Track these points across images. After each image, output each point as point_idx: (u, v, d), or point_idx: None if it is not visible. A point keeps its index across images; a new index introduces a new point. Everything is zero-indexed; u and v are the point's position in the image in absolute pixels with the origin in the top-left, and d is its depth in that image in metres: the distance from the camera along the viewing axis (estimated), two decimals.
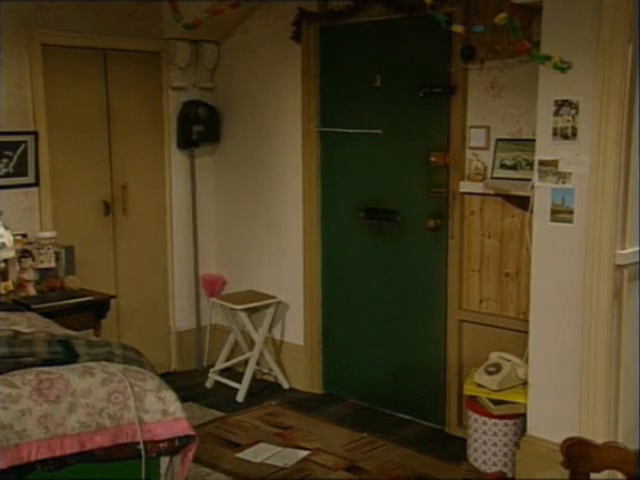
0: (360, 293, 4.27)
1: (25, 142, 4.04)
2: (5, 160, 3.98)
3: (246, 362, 4.53)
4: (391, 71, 3.99)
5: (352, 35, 4.14)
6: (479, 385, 3.48)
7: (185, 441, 2.64)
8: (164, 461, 2.65)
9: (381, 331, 4.21)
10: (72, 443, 2.42)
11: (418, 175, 3.95)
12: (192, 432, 2.64)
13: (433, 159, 3.83)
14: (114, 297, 4.12)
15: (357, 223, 4.24)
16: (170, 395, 2.66)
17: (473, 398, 3.51)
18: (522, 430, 3.37)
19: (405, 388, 4.12)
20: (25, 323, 3.03)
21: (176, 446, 2.63)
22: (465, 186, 3.76)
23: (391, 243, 4.10)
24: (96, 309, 3.92)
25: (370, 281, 4.22)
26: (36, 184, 4.12)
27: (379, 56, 4.03)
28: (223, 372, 4.64)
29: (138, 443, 2.53)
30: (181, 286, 4.88)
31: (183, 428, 2.63)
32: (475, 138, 3.72)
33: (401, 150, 4.01)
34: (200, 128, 4.66)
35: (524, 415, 3.34)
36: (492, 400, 3.42)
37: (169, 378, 2.85)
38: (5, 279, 3.80)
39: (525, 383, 3.36)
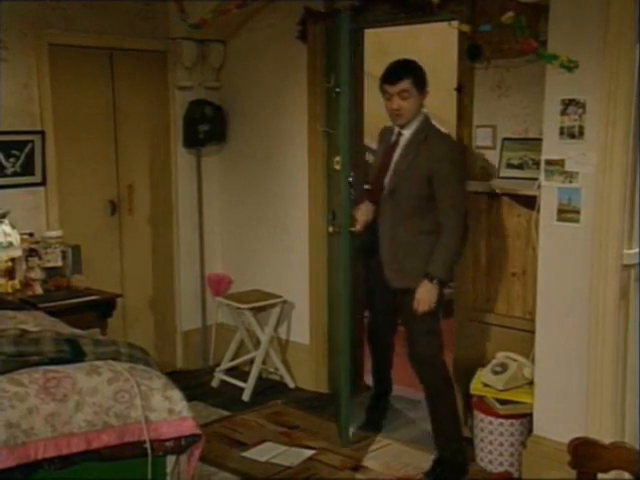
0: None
1: (32, 141, 4.05)
2: (12, 159, 3.99)
3: (252, 361, 4.53)
4: None
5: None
6: (485, 385, 3.47)
7: (191, 440, 2.64)
8: (170, 460, 2.65)
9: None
10: (79, 442, 2.42)
11: None
12: (198, 431, 2.64)
13: None
14: (120, 296, 4.13)
15: None
16: (176, 394, 2.66)
17: (479, 398, 3.51)
18: (528, 430, 3.36)
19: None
20: (32, 322, 3.04)
21: (182, 445, 2.62)
22: (472, 185, 3.74)
23: None
24: (102, 308, 3.92)
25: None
26: (43, 183, 4.14)
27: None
28: (229, 371, 4.65)
29: (144, 442, 2.53)
30: (187, 285, 4.88)
31: (189, 427, 2.63)
32: (481, 137, 3.71)
33: None
34: (206, 127, 4.66)
35: (530, 415, 3.34)
36: (498, 400, 3.41)
37: (175, 377, 2.85)
38: (12, 278, 3.81)
39: (531, 383, 3.36)
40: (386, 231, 3.40)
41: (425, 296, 3.31)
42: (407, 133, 3.37)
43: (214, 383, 4.63)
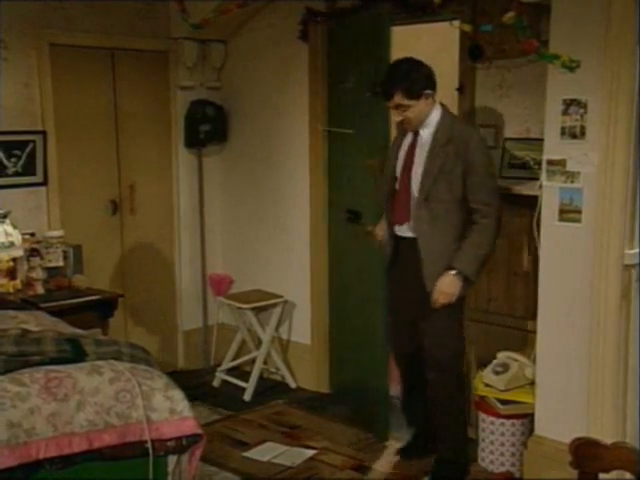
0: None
1: (33, 141, 4.05)
2: (14, 159, 3.99)
3: (253, 361, 4.53)
4: None
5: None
6: (487, 385, 3.47)
7: (192, 440, 2.64)
8: (171, 460, 2.65)
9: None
10: (80, 441, 2.42)
11: None
12: (199, 431, 2.64)
13: None
14: (121, 296, 4.13)
15: None
16: (178, 394, 2.66)
17: (481, 398, 3.50)
18: (530, 430, 3.36)
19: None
20: (33, 322, 3.04)
21: (183, 445, 2.62)
22: None
23: None
24: (103, 308, 3.92)
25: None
26: (44, 183, 4.14)
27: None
28: (230, 371, 4.65)
29: (146, 442, 2.53)
30: (188, 285, 4.88)
31: (190, 427, 2.63)
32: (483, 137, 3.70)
33: None
34: (207, 127, 4.66)
35: (532, 415, 3.33)
36: (500, 400, 3.41)
37: (176, 377, 2.85)
38: (13, 278, 3.81)
39: (533, 383, 3.35)
40: (424, 240, 3.19)
41: (446, 288, 3.15)
42: (425, 133, 3.20)
43: (215, 383, 4.63)
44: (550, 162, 3.15)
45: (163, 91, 4.66)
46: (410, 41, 4.60)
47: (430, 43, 4.89)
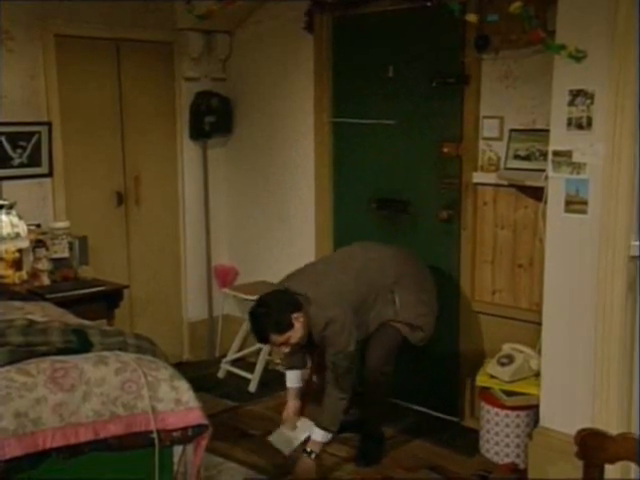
0: None
1: (39, 133, 4.05)
2: (19, 150, 3.99)
3: (258, 352, 4.54)
4: (404, 61, 3.97)
5: (365, 25, 4.12)
6: (492, 376, 3.47)
7: (198, 430, 2.65)
8: (177, 450, 2.66)
9: None
10: (86, 431, 2.43)
11: (430, 166, 3.94)
12: (205, 421, 2.65)
13: (446, 150, 3.82)
14: (127, 287, 4.14)
15: (369, 214, 4.23)
16: (183, 384, 2.66)
17: (486, 389, 3.51)
18: (535, 421, 3.36)
19: (418, 379, 4.12)
20: (39, 313, 3.05)
21: (189, 435, 2.63)
22: (478, 177, 3.74)
23: (403, 234, 4.09)
24: (109, 299, 3.94)
25: None
26: (49, 175, 4.14)
27: (392, 46, 4.01)
28: (235, 362, 4.66)
29: (151, 432, 2.54)
30: (193, 277, 4.89)
31: (196, 417, 2.64)
32: (488, 129, 3.70)
33: (414, 141, 3.99)
34: (212, 119, 4.66)
35: (537, 406, 3.33)
36: (504, 391, 3.41)
37: (181, 368, 2.86)
38: (19, 269, 3.82)
39: (538, 374, 3.35)
40: None
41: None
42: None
43: (220, 374, 4.64)
44: (556, 153, 3.13)
45: (168, 82, 4.65)
46: None
47: None
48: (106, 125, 4.42)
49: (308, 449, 3.33)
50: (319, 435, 3.32)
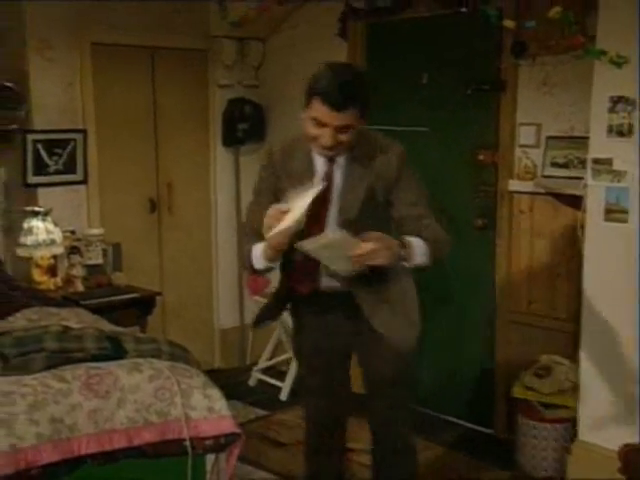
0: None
1: (74, 140, 4.08)
2: (55, 158, 4.03)
3: (289, 361, 4.52)
4: (439, 68, 3.93)
5: (399, 31, 4.10)
6: (529, 388, 3.41)
7: (231, 439, 2.63)
8: (210, 459, 2.64)
9: (428, 331, 4.14)
10: (120, 438, 2.42)
11: (465, 173, 3.89)
12: (237, 430, 2.63)
13: (481, 157, 3.78)
14: (159, 294, 4.15)
15: None
16: (216, 393, 2.65)
17: (522, 401, 3.44)
18: (573, 435, 3.29)
19: (452, 390, 4.06)
20: (74, 319, 3.06)
21: (222, 444, 2.61)
22: (514, 185, 3.69)
23: None
24: (142, 306, 3.94)
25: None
26: (84, 181, 4.17)
27: (426, 53, 3.99)
28: (266, 370, 4.64)
29: (184, 440, 2.52)
30: (225, 284, 4.89)
31: (229, 426, 2.62)
32: (525, 136, 3.64)
33: (448, 148, 3.95)
34: (245, 126, 4.66)
35: (575, 419, 3.26)
36: (542, 403, 3.34)
37: (212, 376, 2.84)
38: (54, 275, 3.85)
39: (576, 386, 3.28)
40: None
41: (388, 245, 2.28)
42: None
43: (251, 382, 4.62)
44: (596, 161, 3.08)
45: (201, 89, 4.67)
46: None
47: None
48: (140, 132, 4.44)
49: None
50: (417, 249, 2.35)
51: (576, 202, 3.33)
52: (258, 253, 2.45)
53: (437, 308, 4.09)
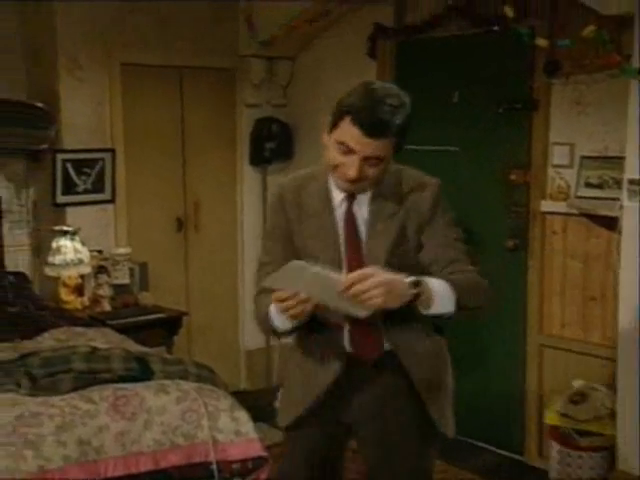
0: None
1: (102, 159, 4.09)
2: (84, 177, 4.04)
3: None
4: (469, 87, 3.89)
5: (429, 50, 4.07)
6: (563, 414, 3.31)
7: (258, 463, 2.58)
8: None
9: (458, 354, 4.06)
10: (147, 461, 2.39)
11: (497, 193, 3.83)
12: (265, 453, 2.59)
13: (513, 177, 3.71)
14: (186, 314, 4.12)
15: None
16: (243, 415, 2.62)
17: (555, 428, 3.35)
18: (610, 464, 3.19)
19: (482, 414, 3.97)
20: (101, 339, 3.05)
21: (249, 468, 2.57)
22: (547, 205, 3.62)
23: None
24: (169, 326, 3.92)
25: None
26: (112, 201, 4.18)
27: (457, 71, 3.94)
28: None
29: (211, 463, 2.49)
30: (251, 304, 4.82)
31: (256, 449, 2.59)
32: (558, 156, 3.58)
33: (479, 168, 3.89)
34: (273, 145, 4.65)
35: (612, 448, 3.16)
36: (577, 431, 3.24)
37: (238, 397, 2.80)
38: (81, 294, 3.85)
39: (613, 413, 3.18)
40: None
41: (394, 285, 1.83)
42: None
43: (277, 404, 4.55)
44: (632, 182, 3.01)
45: (229, 108, 4.67)
46: None
47: None
48: (168, 151, 4.45)
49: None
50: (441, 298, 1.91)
51: (611, 223, 3.26)
52: (279, 312, 2.03)
53: (467, 329, 4.01)
